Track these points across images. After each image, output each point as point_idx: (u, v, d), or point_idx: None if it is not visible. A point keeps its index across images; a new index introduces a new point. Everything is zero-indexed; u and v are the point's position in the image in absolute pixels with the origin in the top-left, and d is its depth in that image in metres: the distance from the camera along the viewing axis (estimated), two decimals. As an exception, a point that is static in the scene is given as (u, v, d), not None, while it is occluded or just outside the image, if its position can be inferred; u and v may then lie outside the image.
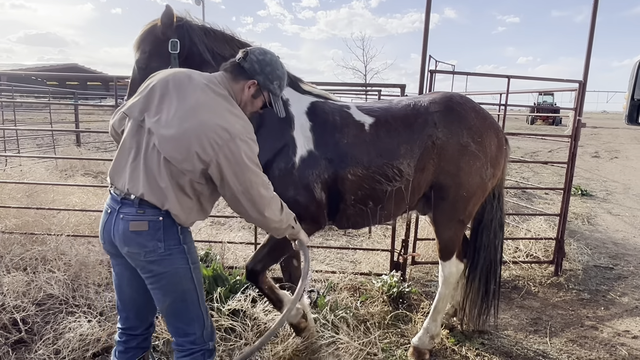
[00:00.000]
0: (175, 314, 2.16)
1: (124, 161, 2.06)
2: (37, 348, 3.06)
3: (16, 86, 11.42)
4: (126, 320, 2.32)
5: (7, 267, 3.95)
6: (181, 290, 2.11)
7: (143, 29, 2.68)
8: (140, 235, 1.99)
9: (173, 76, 2.10)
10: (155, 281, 2.08)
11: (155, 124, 1.99)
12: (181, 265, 2.09)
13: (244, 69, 2.16)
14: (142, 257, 2.01)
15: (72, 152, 11.60)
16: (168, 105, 2.02)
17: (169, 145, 1.96)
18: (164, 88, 2.06)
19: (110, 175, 2.10)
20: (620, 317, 4.04)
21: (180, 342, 2.20)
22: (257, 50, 2.20)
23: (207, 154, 1.94)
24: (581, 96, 4.72)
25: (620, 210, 8.29)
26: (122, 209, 2.02)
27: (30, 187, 5.82)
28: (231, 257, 4.80)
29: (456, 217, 3.13)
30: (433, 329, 3.28)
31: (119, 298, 2.30)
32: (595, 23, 4.53)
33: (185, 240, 2.11)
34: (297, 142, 2.75)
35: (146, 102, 2.05)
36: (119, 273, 2.24)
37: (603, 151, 18.19)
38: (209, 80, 2.13)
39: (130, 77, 2.73)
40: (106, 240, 2.11)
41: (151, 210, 2.00)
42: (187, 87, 2.05)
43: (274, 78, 2.20)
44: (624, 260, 5.53)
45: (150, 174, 1.98)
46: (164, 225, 2.02)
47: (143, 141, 2.02)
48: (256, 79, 2.16)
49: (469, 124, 3.03)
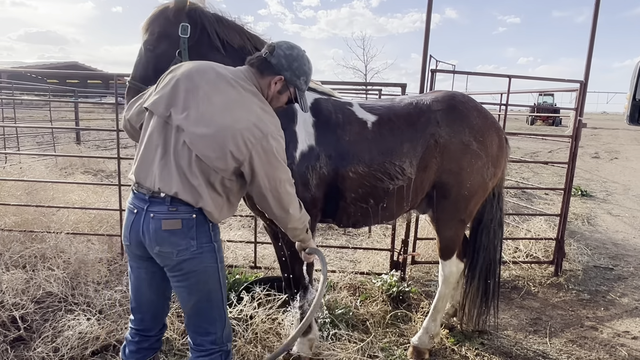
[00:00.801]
0: (198, 313, 2.12)
1: (150, 159, 1.99)
2: (36, 346, 3.05)
3: (16, 84, 11.40)
4: (141, 322, 2.27)
5: (6, 265, 3.94)
6: (207, 290, 2.08)
7: (154, 10, 2.63)
8: (173, 234, 1.94)
9: (197, 70, 2.04)
10: (184, 279, 2.03)
11: (184, 121, 1.92)
12: (210, 263, 2.05)
13: (271, 64, 2.11)
14: (175, 256, 1.96)
15: (72, 150, 11.59)
16: (197, 100, 1.96)
17: (202, 144, 1.91)
18: (190, 82, 1.99)
19: (136, 173, 2.02)
20: (620, 318, 4.04)
21: (200, 342, 2.15)
22: (284, 45, 2.15)
23: (241, 153, 1.92)
24: (582, 96, 4.72)
25: (620, 210, 8.29)
26: (152, 207, 1.95)
27: (30, 184, 5.81)
28: (230, 256, 4.80)
29: (457, 217, 3.12)
30: (433, 328, 3.28)
31: (136, 300, 2.23)
32: (597, 23, 4.52)
33: (216, 238, 2.08)
34: (299, 137, 2.74)
35: (171, 98, 1.98)
36: (139, 276, 2.17)
37: (603, 152, 18.19)
38: (235, 75, 2.08)
39: (136, 58, 2.68)
40: (133, 241, 2.03)
41: (184, 208, 1.95)
42: (216, 82, 2.01)
43: (300, 74, 2.16)
44: (623, 261, 5.53)
45: (182, 171, 1.93)
46: (196, 222, 1.98)
47: (171, 138, 1.95)
48: (283, 75, 2.12)
49: (471, 123, 3.03)
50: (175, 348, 3.14)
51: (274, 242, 3.23)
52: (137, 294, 2.23)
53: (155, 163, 1.98)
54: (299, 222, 2.20)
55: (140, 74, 2.62)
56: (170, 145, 1.96)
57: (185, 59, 2.55)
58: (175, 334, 3.23)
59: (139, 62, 2.65)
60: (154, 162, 1.98)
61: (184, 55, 2.57)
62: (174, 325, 3.30)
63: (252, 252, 4.71)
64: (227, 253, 4.77)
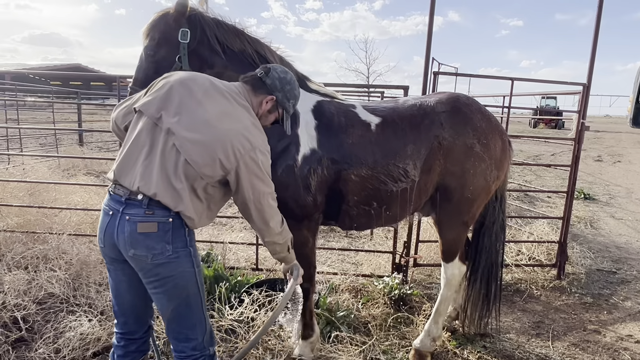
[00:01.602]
0: (178, 319, 2.12)
1: (134, 158, 1.99)
2: (37, 347, 3.05)
3: (20, 85, 11.44)
4: (124, 325, 2.26)
5: (8, 266, 3.95)
6: (186, 295, 2.07)
7: (154, 16, 2.64)
8: (148, 237, 1.94)
9: (192, 78, 2.10)
10: (161, 285, 2.02)
11: (176, 125, 1.95)
12: (187, 268, 2.05)
13: (266, 84, 2.22)
14: (149, 260, 1.95)
15: (74, 152, 11.62)
16: (190, 106, 2.00)
17: (192, 149, 1.94)
18: (184, 88, 2.04)
19: (116, 172, 2.01)
20: (623, 322, 4.02)
21: (181, 348, 2.15)
22: (279, 68, 2.28)
23: (229, 162, 1.98)
24: (585, 99, 4.71)
25: (623, 214, 8.26)
26: (127, 209, 1.95)
27: (33, 185, 5.82)
28: (232, 258, 4.80)
29: (460, 219, 3.11)
30: (435, 331, 3.26)
31: (117, 303, 2.22)
32: (600, 26, 4.51)
33: (192, 243, 2.08)
34: (301, 140, 2.73)
35: (164, 101, 2.01)
36: (116, 279, 2.17)
37: (606, 155, 18.14)
38: (229, 88, 2.15)
39: (138, 63, 2.69)
40: (107, 243, 2.03)
41: (160, 212, 1.95)
42: (210, 91, 2.07)
43: (290, 97, 2.28)
44: (627, 265, 5.51)
45: (166, 173, 1.94)
46: (172, 227, 1.97)
47: (159, 140, 1.97)
48: (275, 95, 2.23)
49: (475, 125, 3.01)
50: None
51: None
52: (117, 297, 2.22)
53: (138, 163, 1.98)
54: (279, 237, 2.24)
55: (141, 79, 2.62)
56: (157, 147, 1.97)
57: (185, 64, 2.57)
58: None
59: (139, 67, 2.66)
60: (138, 161, 1.98)
61: (184, 60, 2.58)
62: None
63: (254, 254, 4.70)
64: (229, 255, 4.77)
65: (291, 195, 2.70)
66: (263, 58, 2.78)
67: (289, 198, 2.70)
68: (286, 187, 2.68)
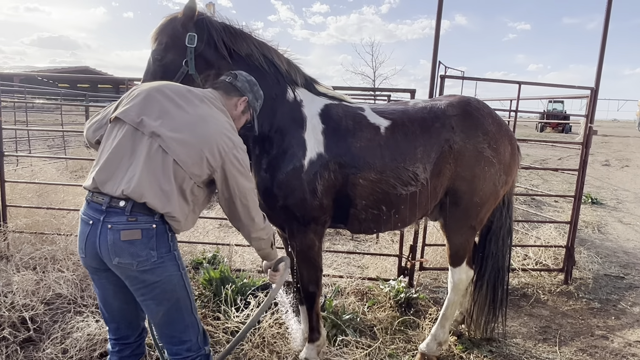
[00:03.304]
0: (169, 323, 2.12)
1: (115, 165, 1.98)
2: (45, 347, 3.07)
3: (28, 88, 11.56)
4: (117, 331, 2.27)
5: (17, 266, 3.98)
6: (175, 298, 2.08)
7: (163, 20, 2.66)
8: (132, 245, 1.93)
9: (167, 85, 2.17)
10: (148, 291, 2.02)
11: (160, 128, 1.98)
12: (174, 272, 2.06)
13: (237, 87, 2.36)
14: (135, 267, 1.95)
15: (82, 153, 11.69)
16: (171, 110, 2.05)
17: (180, 149, 1.98)
18: (162, 94, 2.09)
19: (97, 179, 1.98)
20: (631, 327, 3.98)
21: (176, 351, 2.16)
22: (244, 72, 2.46)
23: (215, 159, 2.05)
24: (592, 103, 4.69)
25: (632, 219, 8.19)
26: (109, 218, 1.93)
27: (41, 187, 5.87)
28: (238, 260, 4.81)
29: (468, 224, 3.10)
30: (441, 335, 3.25)
31: (106, 310, 2.23)
32: (608, 30, 4.49)
33: (175, 247, 2.10)
34: (308, 144, 2.73)
35: (144, 107, 2.04)
36: (102, 287, 2.16)
37: (614, 159, 18.02)
38: (204, 94, 2.23)
39: (146, 67, 2.71)
40: (88, 253, 2.00)
41: (143, 218, 1.95)
42: (188, 96, 2.14)
43: (258, 97, 2.46)
44: (635, 270, 5.46)
45: (153, 176, 1.95)
46: (156, 232, 1.98)
47: (143, 144, 1.98)
48: (247, 96, 2.37)
49: (486, 129, 3.00)
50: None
51: (285, 247, 3.24)
52: (105, 305, 2.22)
53: (120, 168, 1.98)
54: (263, 232, 2.32)
55: (148, 82, 2.63)
56: (141, 151, 1.97)
57: (191, 68, 2.61)
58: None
59: (147, 70, 2.68)
60: (120, 167, 1.98)
61: (191, 64, 2.60)
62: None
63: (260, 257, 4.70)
64: (235, 257, 4.78)
65: (297, 199, 2.71)
66: (270, 61, 2.78)
67: (295, 202, 2.70)
68: (292, 191, 2.68)
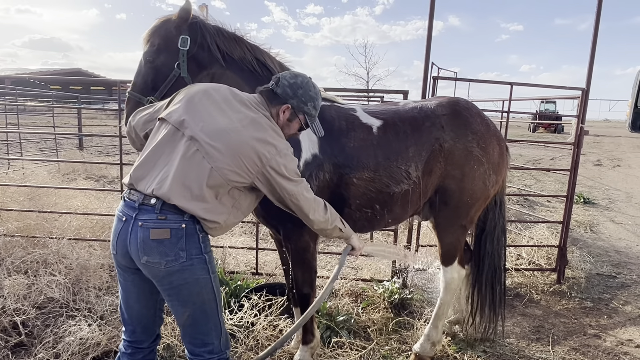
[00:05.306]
0: (194, 325, 2.11)
1: (152, 164, 2.02)
2: (36, 351, 3.04)
3: (20, 90, 11.47)
4: (132, 334, 2.26)
5: (8, 270, 3.94)
6: (201, 301, 2.07)
7: (156, 22, 2.64)
8: (161, 244, 1.93)
9: (214, 88, 2.18)
10: (175, 293, 2.02)
11: (200, 132, 1.99)
12: (202, 275, 2.04)
13: (277, 94, 2.24)
14: (163, 267, 1.94)
15: (74, 156, 11.66)
16: (214, 114, 2.04)
17: (217, 156, 1.97)
18: (207, 98, 2.10)
19: (133, 177, 2.02)
20: (624, 326, 4.01)
21: (197, 353, 2.15)
22: (287, 75, 2.29)
23: (255, 166, 2.03)
24: (584, 103, 4.73)
25: (623, 218, 8.26)
26: (140, 215, 1.94)
27: (33, 190, 5.82)
28: (232, 262, 4.80)
29: (458, 222, 3.12)
30: (434, 335, 3.26)
31: (126, 312, 2.22)
32: (599, 31, 4.53)
33: (207, 250, 2.07)
34: (302, 146, 2.73)
35: (187, 110, 2.05)
36: (126, 289, 2.16)
37: (605, 159, 18.17)
38: (249, 98, 2.21)
39: (137, 68, 2.68)
40: (119, 250, 2.02)
41: (173, 217, 1.94)
42: (232, 101, 2.13)
43: (307, 100, 2.26)
44: (626, 269, 5.50)
45: (186, 179, 1.95)
46: (186, 233, 1.97)
47: (181, 146, 1.99)
48: (290, 103, 2.24)
49: (475, 129, 3.03)
50: (177, 354, 3.13)
51: (278, 249, 3.23)
52: (127, 307, 2.22)
53: (156, 167, 2.00)
54: (325, 223, 2.30)
55: (139, 84, 2.61)
56: (178, 153, 1.99)
57: (184, 71, 2.58)
58: (176, 340, 3.22)
59: (138, 72, 2.65)
60: (155, 166, 2.01)
61: (183, 67, 2.57)
62: (175, 332, 3.29)
63: (254, 259, 4.71)
64: (229, 259, 4.77)
65: None
66: (262, 64, 2.78)
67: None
68: None
